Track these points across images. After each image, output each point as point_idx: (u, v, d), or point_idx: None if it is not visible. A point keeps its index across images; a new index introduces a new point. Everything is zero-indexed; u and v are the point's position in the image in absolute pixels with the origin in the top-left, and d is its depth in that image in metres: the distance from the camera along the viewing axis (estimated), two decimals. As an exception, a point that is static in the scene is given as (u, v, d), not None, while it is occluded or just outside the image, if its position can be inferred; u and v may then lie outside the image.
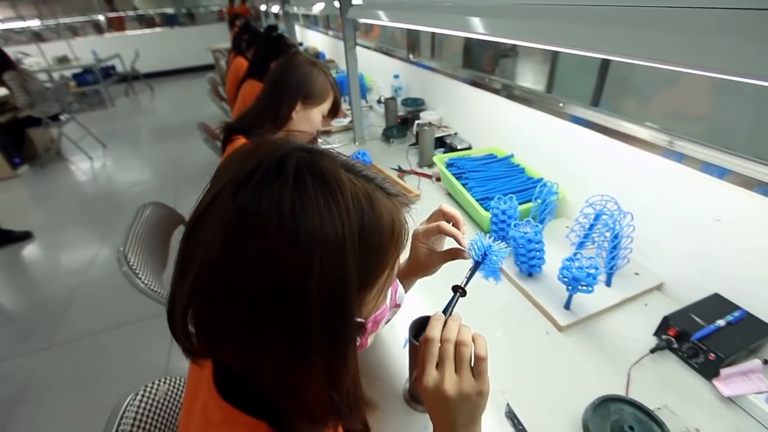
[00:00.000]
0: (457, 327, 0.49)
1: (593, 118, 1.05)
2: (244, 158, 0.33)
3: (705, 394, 0.68)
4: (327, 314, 0.32)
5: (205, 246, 0.31)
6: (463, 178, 1.22)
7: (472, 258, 0.57)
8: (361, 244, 0.33)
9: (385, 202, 0.36)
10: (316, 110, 1.15)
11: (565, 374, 0.73)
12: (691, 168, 0.81)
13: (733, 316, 0.72)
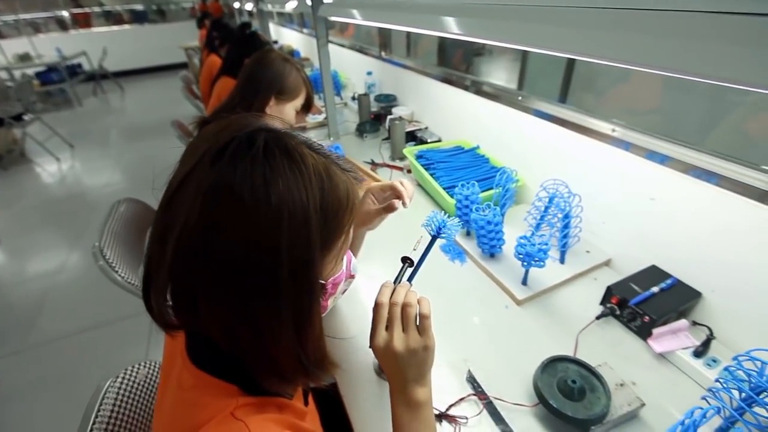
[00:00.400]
0: (405, 292, 0.54)
1: (551, 111, 1.12)
2: (217, 134, 0.37)
3: (641, 353, 0.76)
4: (295, 272, 0.36)
5: (185, 214, 0.34)
6: (432, 169, 1.28)
7: (429, 233, 0.63)
8: (322, 209, 0.37)
9: (341, 175, 0.41)
10: (289, 106, 1.18)
11: (521, 342, 0.80)
12: (636, 155, 0.89)
13: (666, 284, 0.81)
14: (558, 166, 1.10)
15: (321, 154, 0.41)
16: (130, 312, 1.94)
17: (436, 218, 0.62)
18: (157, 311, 0.38)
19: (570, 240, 0.92)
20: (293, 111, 1.20)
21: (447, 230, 0.61)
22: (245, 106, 1.12)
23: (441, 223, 0.61)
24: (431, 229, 0.62)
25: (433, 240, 0.62)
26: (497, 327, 0.83)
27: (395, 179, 0.72)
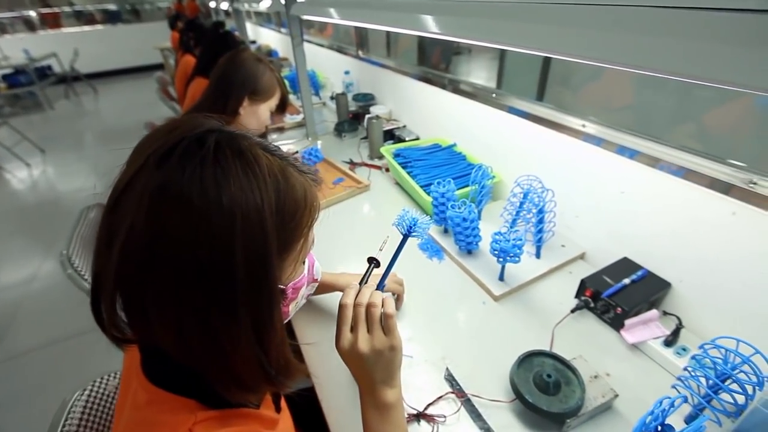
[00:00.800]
0: (369, 293, 0.53)
1: (525, 108, 1.13)
2: (166, 134, 0.35)
3: (615, 344, 0.77)
4: (252, 275, 0.34)
5: (130, 217, 0.32)
6: (409, 167, 1.28)
7: (400, 232, 0.62)
8: (278, 211, 0.36)
9: (298, 176, 0.40)
10: (263, 106, 1.16)
11: (499, 338, 0.80)
12: (607, 150, 0.90)
13: (637, 275, 0.82)
14: (533, 162, 1.11)
15: (277, 156, 0.39)
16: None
17: (407, 217, 0.61)
18: (108, 323, 0.36)
19: (545, 235, 0.93)
20: (268, 111, 1.18)
21: (418, 229, 0.60)
22: (218, 108, 1.09)
23: (412, 222, 0.60)
24: (402, 228, 0.61)
25: (404, 239, 0.61)
26: (475, 323, 0.83)
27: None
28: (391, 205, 1.26)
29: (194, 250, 0.32)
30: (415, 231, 0.60)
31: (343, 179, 1.39)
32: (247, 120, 1.15)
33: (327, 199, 1.25)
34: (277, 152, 0.40)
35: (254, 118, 1.15)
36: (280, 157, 0.39)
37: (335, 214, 1.22)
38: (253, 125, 1.17)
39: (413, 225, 0.60)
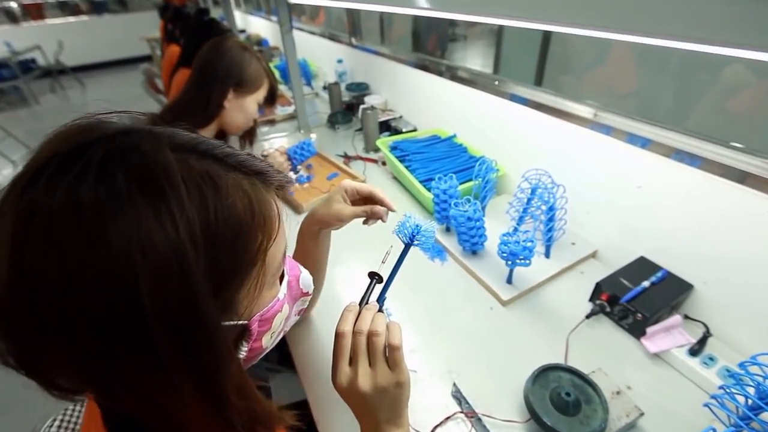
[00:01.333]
0: (371, 317, 0.46)
1: (529, 95, 1.05)
2: (43, 147, 0.27)
3: (635, 353, 0.70)
4: (174, 324, 0.26)
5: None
6: (407, 161, 1.19)
7: (401, 240, 0.54)
8: (207, 238, 0.28)
9: (241, 183, 0.32)
10: (250, 99, 1.06)
11: (509, 348, 0.73)
12: (618, 140, 0.83)
13: (656, 277, 0.75)
14: (539, 153, 1.03)
15: (209, 157, 0.31)
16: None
17: (408, 223, 0.54)
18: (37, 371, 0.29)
19: (555, 233, 0.86)
20: (255, 104, 1.08)
21: (422, 237, 0.52)
22: (200, 102, 1.00)
23: (414, 229, 0.53)
24: (404, 237, 0.53)
25: (406, 249, 0.53)
26: (483, 332, 0.76)
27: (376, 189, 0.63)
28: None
29: (79, 299, 0.24)
30: (418, 239, 0.53)
31: (337, 174, 1.31)
32: (233, 114, 1.06)
33: (321, 197, 1.17)
34: (214, 151, 0.32)
35: (240, 112, 1.06)
36: (214, 159, 0.31)
37: (329, 213, 1.15)
38: (239, 120, 1.08)
39: (416, 233, 0.52)
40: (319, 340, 0.76)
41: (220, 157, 0.32)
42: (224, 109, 1.04)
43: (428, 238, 0.52)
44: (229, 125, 1.08)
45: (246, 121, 1.10)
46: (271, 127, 1.82)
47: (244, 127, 1.12)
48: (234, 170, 0.32)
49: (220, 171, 0.31)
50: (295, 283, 0.46)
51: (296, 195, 1.20)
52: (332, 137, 1.65)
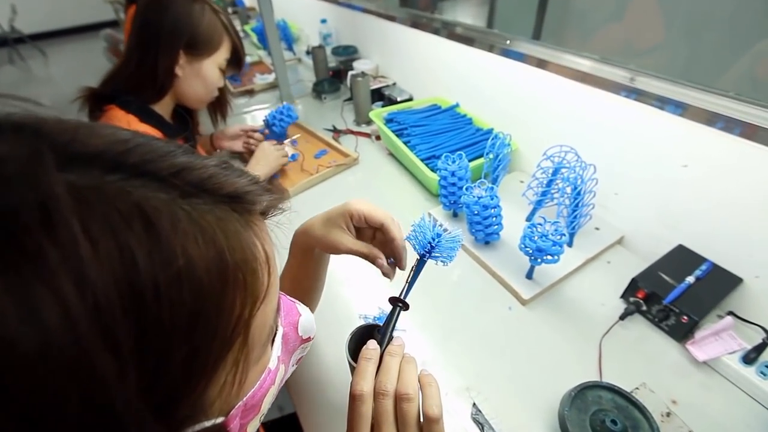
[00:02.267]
0: (397, 368, 0.34)
1: (543, 56, 0.89)
2: None
3: (677, 359, 0.61)
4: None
5: None
6: (405, 135, 1.05)
7: (416, 252, 0.42)
8: (137, 329, 0.16)
9: (202, 218, 0.19)
10: (208, 63, 0.87)
11: (534, 356, 0.63)
12: (655, 108, 0.69)
13: (701, 270, 0.65)
14: (557, 125, 0.89)
15: (148, 176, 0.19)
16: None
17: (424, 228, 0.41)
18: None
19: (582, 219, 0.74)
20: (216, 69, 0.89)
21: (442, 248, 0.40)
22: (146, 69, 0.81)
23: (434, 237, 0.40)
24: (419, 246, 0.41)
25: (421, 263, 0.41)
26: (502, 338, 0.66)
27: (389, 221, 0.46)
28: (386, 182, 1.05)
29: None
30: (438, 251, 0.40)
31: (326, 151, 1.16)
32: (190, 84, 0.87)
33: (308, 179, 1.03)
34: (155, 164, 0.19)
35: (198, 80, 0.88)
36: (158, 179, 0.19)
37: (317, 198, 1.01)
38: (198, 91, 0.90)
39: (435, 242, 0.40)
40: (310, 349, 0.65)
41: (162, 175, 0.19)
42: (178, 78, 0.86)
43: (451, 249, 0.40)
44: (188, 97, 0.91)
45: (208, 91, 0.92)
46: (251, 98, 1.63)
47: (206, 99, 0.95)
48: (190, 196, 0.19)
49: (163, 200, 0.18)
50: (293, 333, 0.34)
51: (281, 178, 1.05)
52: (319, 109, 1.47)
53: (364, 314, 0.70)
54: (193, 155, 0.23)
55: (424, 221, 0.41)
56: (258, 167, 0.99)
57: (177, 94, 0.89)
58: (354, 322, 0.69)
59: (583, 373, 0.59)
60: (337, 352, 0.64)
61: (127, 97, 0.82)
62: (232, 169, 0.24)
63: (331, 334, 0.66)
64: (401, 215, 0.45)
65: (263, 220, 0.27)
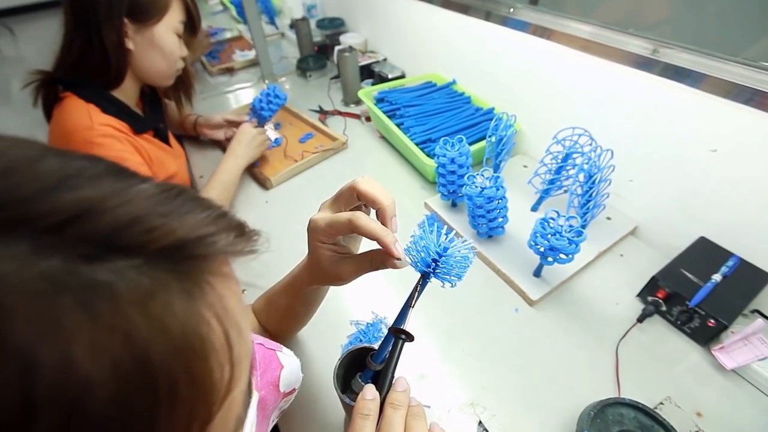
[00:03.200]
0: (402, 424, 0.27)
1: (550, 24, 0.79)
2: None
3: (700, 365, 0.55)
4: None
5: None
6: (397, 116, 0.95)
7: (416, 270, 0.33)
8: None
9: (111, 304, 0.12)
10: (160, 29, 0.74)
11: (545, 365, 0.56)
12: (681, 84, 0.61)
13: (728, 267, 0.58)
14: (565, 104, 0.80)
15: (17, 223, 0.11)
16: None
17: (426, 242, 0.32)
18: None
19: (596, 210, 0.67)
20: (172, 35, 0.76)
21: (446, 265, 0.32)
22: (90, 52, 0.69)
23: (438, 253, 0.32)
24: (419, 263, 0.33)
25: (423, 282, 0.33)
26: (508, 344, 0.59)
27: (356, 182, 0.36)
28: (377, 169, 0.96)
29: None
30: (443, 268, 0.32)
31: (312, 135, 1.06)
32: (147, 57, 0.75)
33: (292, 166, 0.93)
34: (34, 205, 0.12)
35: (154, 50, 0.75)
36: (48, 230, 0.12)
37: (302, 187, 0.92)
38: (158, 63, 0.77)
39: (441, 258, 0.32)
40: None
41: (46, 226, 0.12)
42: (131, 53, 0.73)
43: (461, 266, 0.32)
44: (149, 74, 0.79)
45: (169, 61, 0.79)
46: (231, 77, 1.50)
47: (170, 72, 0.82)
48: (93, 260, 0.12)
49: (41, 274, 0.12)
50: (272, 393, 0.26)
51: (263, 166, 0.95)
52: (303, 88, 1.35)
53: (356, 320, 0.63)
54: (115, 177, 0.14)
55: (426, 230, 0.33)
56: (239, 151, 0.89)
57: (137, 73, 0.78)
58: (345, 330, 0.61)
59: (599, 384, 0.53)
60: (325, 368, 0.57)
61: (84, 84, 0.71)
62: (181, 197, 0.16)
63: (322, 346, 0.59)
64: (396, 208, 0.37)
65: (228, 265, 0.19)
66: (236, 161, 0.88)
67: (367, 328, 0.61)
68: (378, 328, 0.62)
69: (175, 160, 0.90)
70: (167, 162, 0.86)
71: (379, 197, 0.34)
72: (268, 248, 0.20)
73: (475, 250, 0.32)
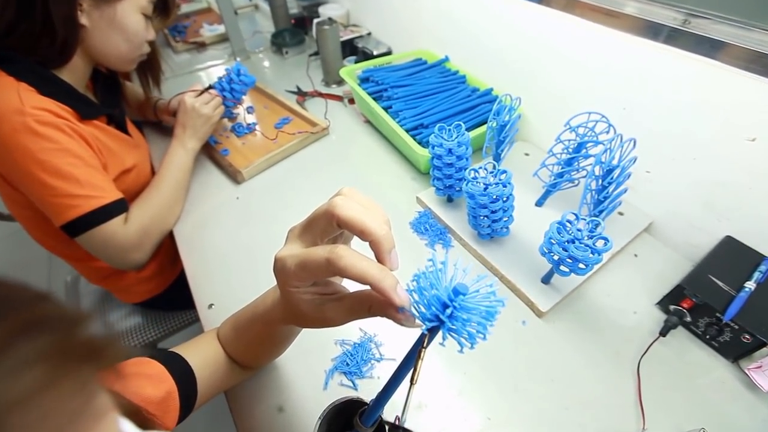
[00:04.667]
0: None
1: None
2: None
3: (730, 384, 0.48)
4: None
5: None
6: (384, 98, 0.84)
7: (419, 320, 0.24)
8: None
9: None
10: (123, 7, 0.62)
11: (558, 389, 0.49)
12: (716, 62, 0.52)
13: (761, 272, 0.51)
14: (572, 81, 0.71)
15: None
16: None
17: (432, 281, 0.23)
18: None
19: (611, 205, 0.58)
20: (138, 16, 0.65)
21: (464, 319, 0.22)
22: (31, 23, 0.56)
23: (449, 301, 0.22)
24: (425, 312, 0.23)
25: (429, 335, 0.24)
26: (516, 364, 0.51)
27: (333, 206, 0.25)
28: (363, 158, 0.85)
29: None
30: (456, 320, 0.22)
31: (289, 119, 0.94)
32: (105, 37, 0.63)
33: (267, 156, 0.82)
34: None
35: (115, 31, 0.63)
36: None
37: (278, 180, 0.80)
38: (116, 44, 0.65)
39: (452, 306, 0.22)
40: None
41: None
42: (85, 30, 0.61)
43: (485, 317, 0.23)
44: (107, 56, 0.67)
45: (131, 45, 0.67)
46: (201, 54, 1.34)
47: (133, 56, 0.70)
48: None
49: None
50: None
51: (233, 156, 0.84)
52: (280, 66, 1.21)
53: (341, 339, 0.54)
54: None
55: (431, 270, 0.24)
56: (183, 136, 0.77)
57: (91, 52, 0.65)
58: (330, 351, 0.53)
59: (620, 411, 0.46)
60: (305, 404, 0.48)
61: (14, 58, 0.58)
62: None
63: (302, 373, 0.50)
64: (384, 203, 0.27)
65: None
66: (183, 149, 0.76)
67: (355, 349, 0.52)
68: (367, 348, 0.53)
69: (134, 150, 0.77)
70: (124, 153, 0.73)
71: (368, 226, 0.24)
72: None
73: (503, 300, 0.23)
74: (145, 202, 0.69)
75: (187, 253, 0.68)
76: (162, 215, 0.70)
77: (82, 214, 0.60)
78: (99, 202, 0.61)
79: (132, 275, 0.83)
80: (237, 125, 0.91)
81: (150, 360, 0.34)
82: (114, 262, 0.67)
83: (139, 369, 0.32)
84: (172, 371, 0.34)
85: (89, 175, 0.62)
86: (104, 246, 0.64)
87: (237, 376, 0.42)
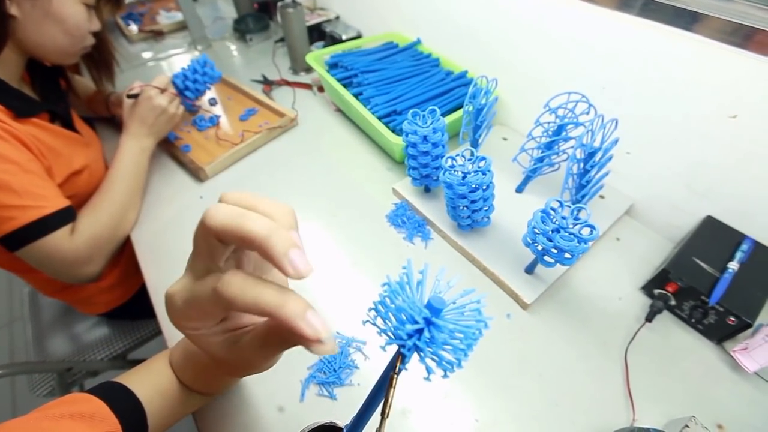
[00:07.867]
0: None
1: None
2: None
3: (716, 367, 0.47)
4: None
5: None
6: (355, 85, 0.78)
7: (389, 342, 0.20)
8: None
9: None
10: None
11: (546, 385, 0.46)
12: (698, 35, 0.49)
13: (743, 252, 0.50)
14: (552, 64, 0.67)
15: None
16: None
17: (405, 296, 0.19)
18: None
19: (592, 189, 0.56)
20: (77, 5, 0.57)
21: (439, 341, 0.18)
22: None
23: (426, 315, 0.18)
24: (394, 332, 0.19)
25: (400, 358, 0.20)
26: (502, 361, 0.48)
27: (208, 219, 0.19)
28: (334, 149, 0.80)
29: None
30: (432, 342, 0.18)
31: (255, 111, 0.87)
32: (38, 28, 0.55)
33: (232, 151, 0.75)
34: None
35: (51, 22, 0.55)
36: None
37: (245, 176, 0.74)
38: (55, 37, 0.57)
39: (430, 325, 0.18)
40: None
41: None
42: (17, 22, 0.53)
43: (464, 340, 0.19)
44: (41, 48, 0.58)
45: (70, 37, 0.59)
46: (159, 43, 1.24)
47: (72, 49, 0.62)
48: None
49: None
50: None
51: (195, 152, 0.77)
52: (244, 54, 1.13)
53: (317, 346, 0.49)
54: None
55: (405, 278, 0.19)
56: (138, 130, 0.69)
57: (24, 45, 0.57)
58: (305, 359, 0.48)
59: (609, 402, 0.44)
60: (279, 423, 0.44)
61: None
62: None
63: (276, 388, 0.46)
64: (359, 195, 0.23)
65: None
66: (139, 147, 0.69)
67: (332, 356, 0.48)
68: (345, 353, 0.49)
69: (84, 150, 0.70)
70: (71, 154, 0.66)
71: (247, 230, 0.18)
72: None
73: (487, 322, 0.19)
74: (94, 208, 0.62)
75: (147, 260, 0.62)
76: (114, 222, 0.63)
77: (19, 227, 0.53)
78: (38, 213, 0.54)
79: (92, 286, 0.76)
80: (198, 118, 0.84)
81: (88, 396, 0.29)
82: (62, 276, 0.60)
83: (72, 409, 0.27)
84: (115, 407, 0.29)
85: (27, 183, 0.54)
86: (48, 260, 0.57)
87: (195, 402, 0.37)
